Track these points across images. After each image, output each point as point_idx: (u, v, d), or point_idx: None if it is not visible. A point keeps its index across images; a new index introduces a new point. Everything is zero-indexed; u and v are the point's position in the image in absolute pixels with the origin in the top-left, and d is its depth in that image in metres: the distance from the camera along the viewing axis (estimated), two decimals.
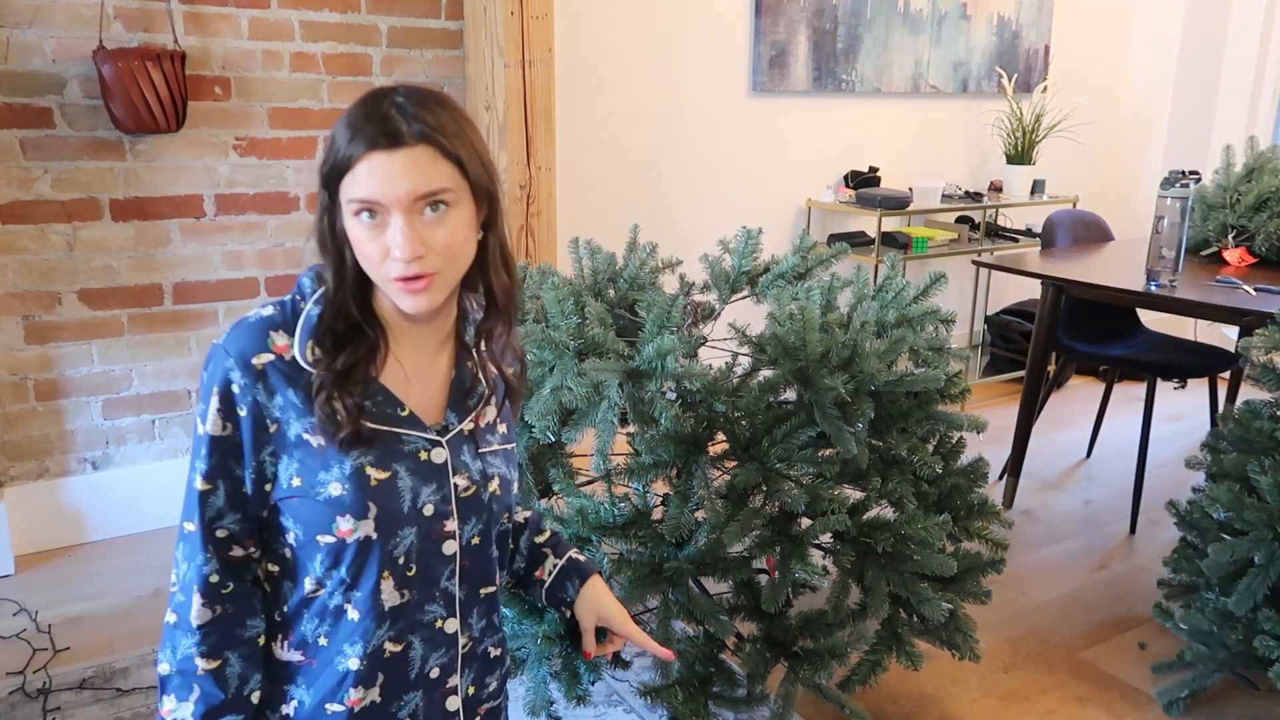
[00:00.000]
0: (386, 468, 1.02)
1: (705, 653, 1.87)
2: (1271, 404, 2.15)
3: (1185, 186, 2.87)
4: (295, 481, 1.01)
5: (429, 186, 0.96)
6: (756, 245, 2.10)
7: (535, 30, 2.95)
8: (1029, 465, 3.42)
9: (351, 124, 0.98)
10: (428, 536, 1.05)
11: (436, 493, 1.05)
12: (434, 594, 1.07)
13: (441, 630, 1.09)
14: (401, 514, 1.02)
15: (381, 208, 0.96)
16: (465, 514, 1.08)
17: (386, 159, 0.95)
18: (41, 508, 2.84)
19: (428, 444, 1.05)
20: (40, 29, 2.61)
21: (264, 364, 1.00)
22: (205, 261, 2.94)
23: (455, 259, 1.01)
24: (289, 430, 1.00)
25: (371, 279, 1.01)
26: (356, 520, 1.00)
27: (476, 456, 1.09)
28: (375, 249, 0.97)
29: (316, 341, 1.02)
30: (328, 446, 1.00)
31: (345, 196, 0.98)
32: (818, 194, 4.15)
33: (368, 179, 0.96)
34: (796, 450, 1.73)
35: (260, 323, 1.02)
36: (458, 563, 1.08)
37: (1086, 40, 4.85)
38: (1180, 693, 2.19)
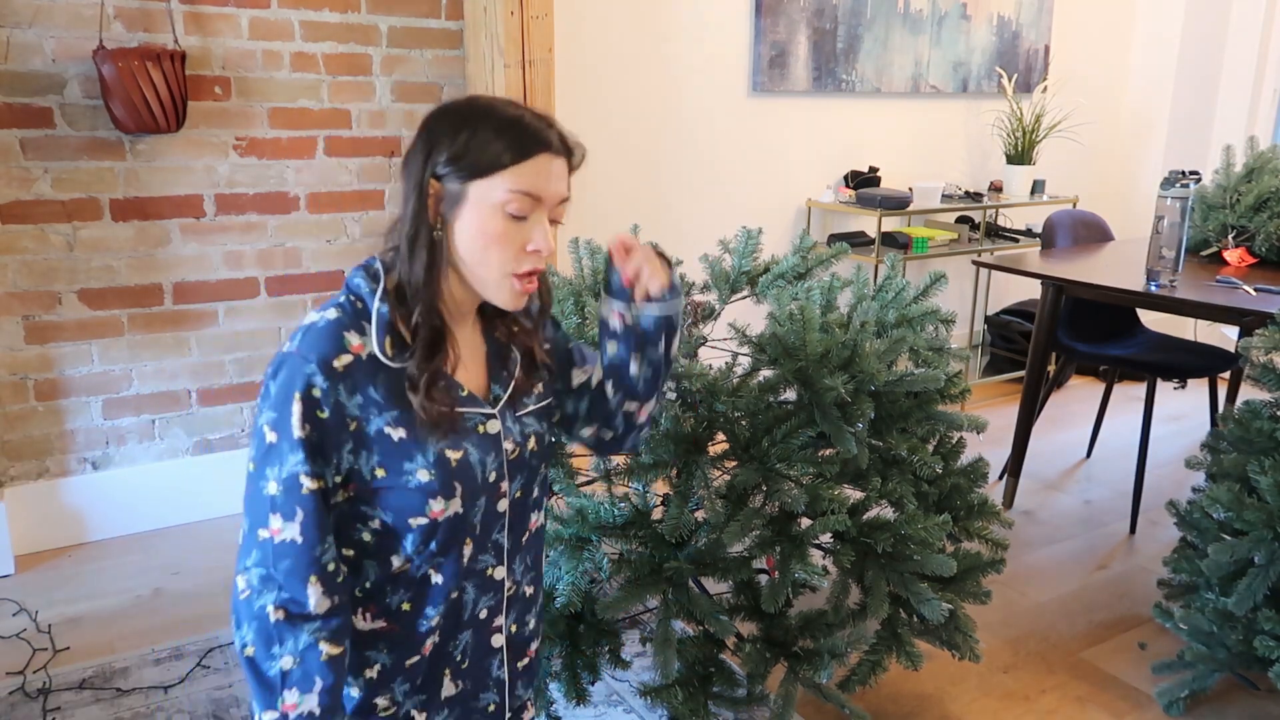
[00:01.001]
0: (458, 447, 1.08)
1: (705, 653, 1.87)
2: (1271, 404, 2.16)
3: (1185, 186, 2.87)
4: (379, 473, 1.05)
5: (568, 194, 1.11)
6: (756, 245, 2.10)
7: (535, 30, 2.95)
8: (1029, 465, 3.42)
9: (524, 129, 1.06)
10: (492, 502, 1.13)
11: (495, 460, 1.12)
12: (487, 545, 1.15)
13: (491, 577, 1.16)
14: (479, 486, 1.10)
15: (538, 205, 1.06)
16: (513, 473, 1.15)
17: (558, 163, 1.09)
18: (41, 508, 2.84)
19: (483, 418, 1.12)
20: (40, 29, 2.61)
21: (345, 364, 1.03)
22: (205, 261, 2.94)
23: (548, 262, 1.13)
24: (369, 426, 1.04)
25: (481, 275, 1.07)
26: (447, 500, 1.07)
27: (516, 420, 1.16)
28: (513, 243, 1.05)
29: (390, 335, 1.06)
30: (409, 437, 1.05)
31: (503, 187, 1.04)
32: (818, 194, 4.15)
33: (543, 176, 1.06)
34: (796, 450, 1.73)
35: (332, 326, 1.05)
36: (507, 517, 1.16)
37: (1086, 40, 4.86)
38: (1180, 693, 2.19)
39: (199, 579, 2.70)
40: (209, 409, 3.04)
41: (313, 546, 1.03)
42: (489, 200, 1.04)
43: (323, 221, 3.09)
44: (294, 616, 1.02)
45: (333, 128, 3.05)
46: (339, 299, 1.08)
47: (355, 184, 3.12)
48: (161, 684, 2.21)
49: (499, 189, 1.04)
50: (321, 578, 1.03)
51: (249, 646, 1.03)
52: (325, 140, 3.05)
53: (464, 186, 1.05)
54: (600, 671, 1.87)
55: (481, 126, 1.05)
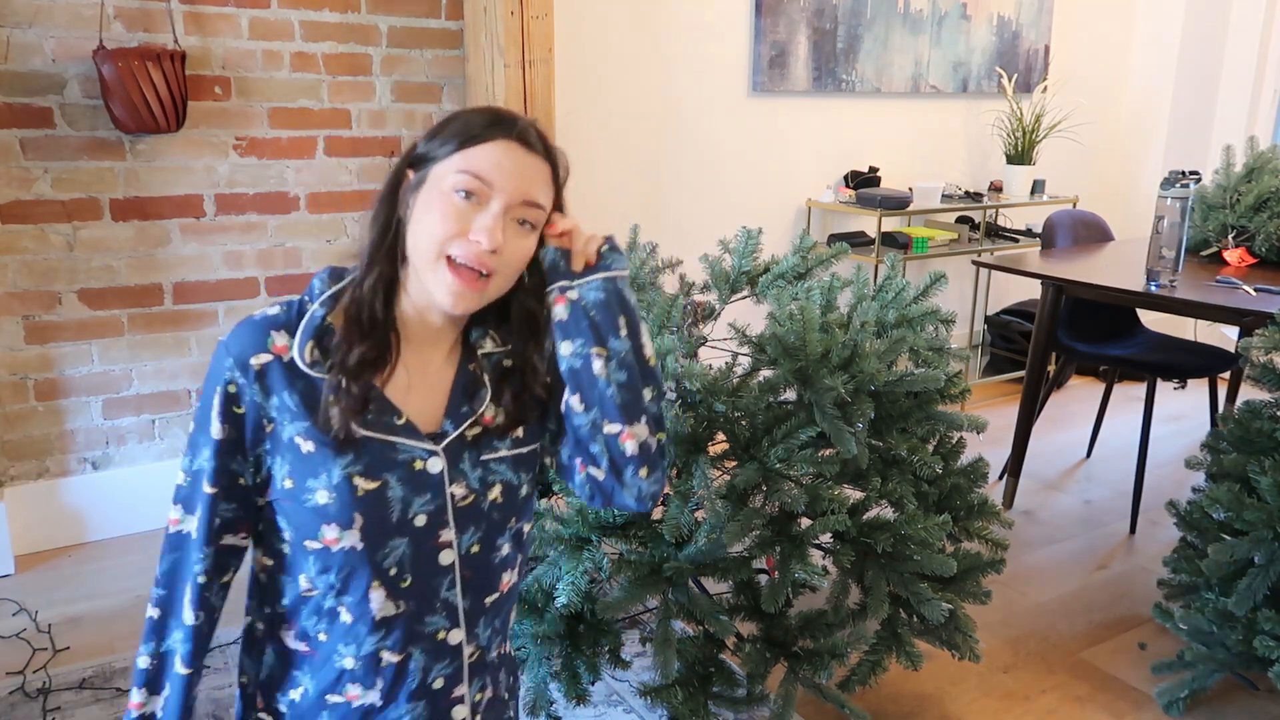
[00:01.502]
0: (376, 477, 1.00)
1: (705, 653, 1.87)
2: (1271, 404, 2.15)
3: (1185, 186, 2.87)
4: (287, 484, 1.01)
5: (536, 196, 1.02)
6: (756, 245, 2.10)
7: (535, 30, 2.95)
8: (1029, 465, 3.42)
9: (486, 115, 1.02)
10: (421, 546, 1.03)
11: (430, 503, 1.03)
12: (434, 605, 1.05)
13: (444, 642, 1.07)
14: (390, 524, 1.01)
15: (487, 192, 0.99)
16: (463, 523, 1.05)
17: (521, 153, 1.01)
18: (41, 508, 2.84)
19: (424, 453, 1.03)
20: (40, 29, 2.61)
21: (262, 364, 1.00)
22: (205, 261, 2.94)
23: (511, 275, 1.04)
24: (283, 432, 1.01)
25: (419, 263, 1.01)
26: (342, 530, 1.00)
27: (478, 464, 1.06)
28: (451, 225, 0.98)
29: (316, 342, 1.01)
30: (316, 453, 0.99)
31: (452, 167, 1.00)
32: (818, 194, 4.15)
33: (495, 160, 1.00)
34: (796, 450, 1.73)
35: (263, 321, 1.02)
36: (457, 573, 1.06)
37: (1086, 40, 4.85)
38: (1180, 693, 2.19)
39: None
40: None
41: (200, 547, 1.03)
42: (442, 182, 1.00)
43: (323, 221, 3.09)
44: (166, 618, 1.05)
45: (333, 128, 3.05)
46: (295, 297, 1.06)
47: (355, 184, 3.12)
48: None
49: (451, 169, 1.00)
50: (193, 586, 1.04)
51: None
52: (325, 140, 3.05)
53: (426, 171, 1.02)
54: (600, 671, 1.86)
55: (457, 117, 1.04)
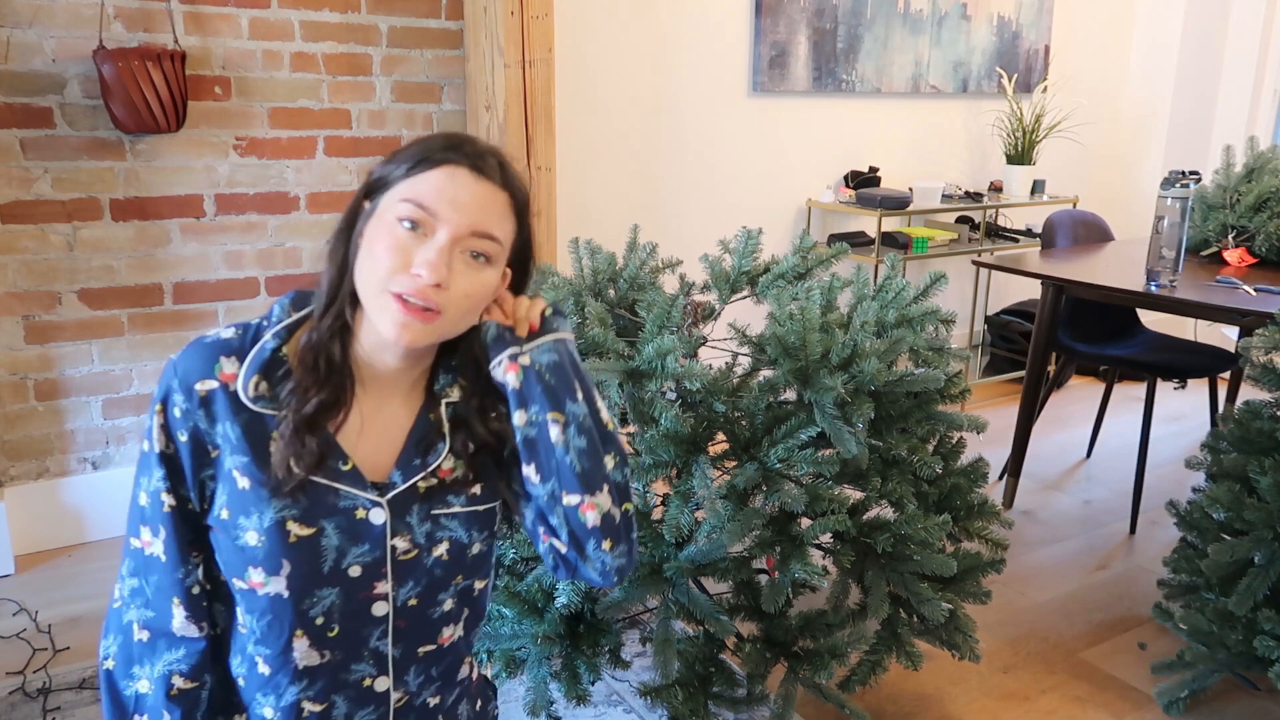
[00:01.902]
0: (312, 523, 0.96)
1: (705, 653, 1.87)
2: (1271, 404, 2.15)
3: (1185, 186, 2.87)
4: (224, 514, 0.97)
5: (488, 228, 0.95)
6: (756, 245, 2.10)
7: (535, 30, 2.94)
8: (1029, 465, 3.42)
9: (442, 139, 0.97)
10: (353, 597, 0.98)
11: (368, 554, 0.98)
12: (362, 654, 1.01)
13: (370, 689, 1.03)
14: (320, 574, 0.96)
15: (432, 222, 0.93)
16: (402, 577, 1.00)
17: (470, 180, 0.94)
18: (41, 508, 2.84)
19: (367, 502, 0.98)
20: (40, 29, 2.61)
21: (207, 391, 0.96)
22: (205, 261, 2.94)
23: (465, 313, 0.96)
24: (224, 461, 0.96)
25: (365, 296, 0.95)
26: (268, 575, 0.95)
27: (427, 518, 1.01)
28: (395, 257, 0.92)
29: (263, 376, 0.97)
30: (251, 491, 0.95)
31: (397, 196, 0.94)
32: (818, 194, 4.15)
33: (440, 187, 0.93)
34: (796, 450, 1.73)
35: (214, 345, 0.98)
36: (390, 624, 1.01)
37: (1086, 40, 4.85)
38: (1180, 693, 2.19)
39: None
40: None
41: (175, 567, 0.99)
42: (388, 213, 0.94)
43: (323, 221, 3.09)
44: (156, 638, 1.00)
45: (333, 128, 3.05)
46: (254, 320, 1.01)
47: (355, 184, 3.12)
48: None
49: (396, 197, 0.94)
50: (185, 601, 0.99)
51: (110, 659, 1.01)
52: (325, 140, 3.05)
53: (378, 200, 0.96)
54: (600, 671, 1.86)
55: (414, 143, 0.98)
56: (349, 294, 0.97)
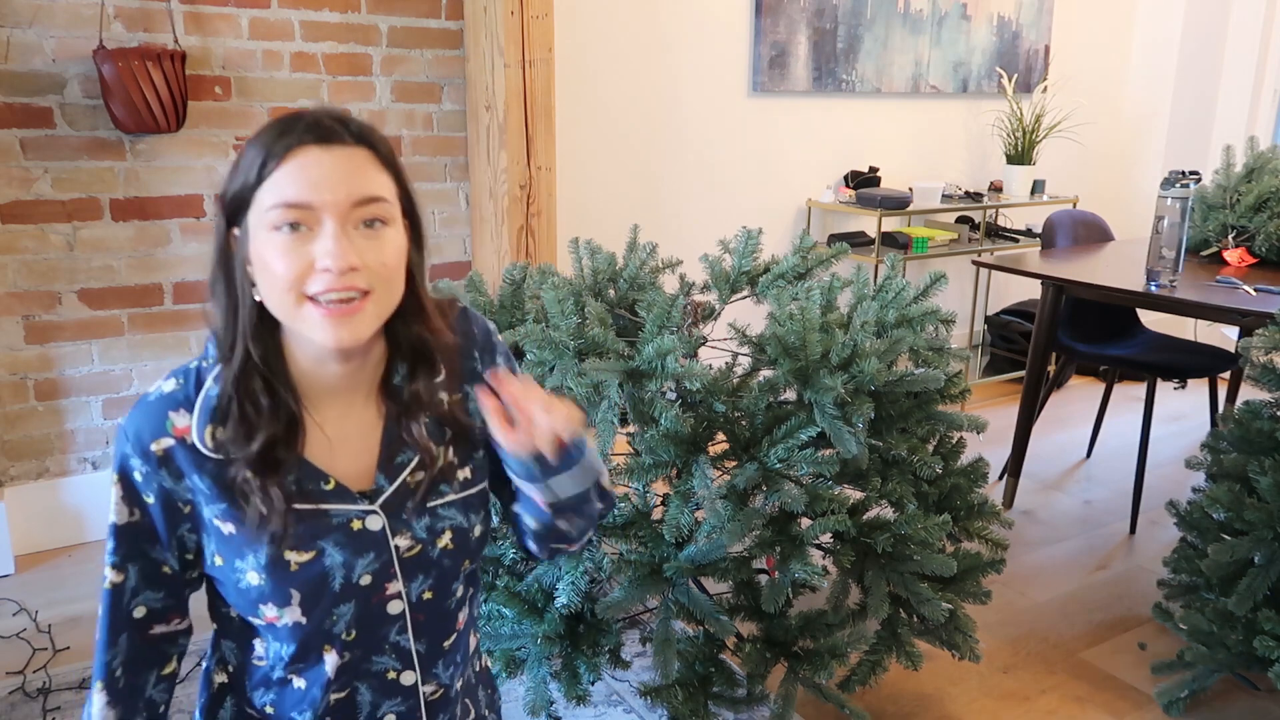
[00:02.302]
0: (310, 548, 0.93)
1: (705, 653, 1.87)
2: (1271, 404, 2.15)
3: (1185, 186, 2.87)
4: (217, 561, 0.95)
5: (369, 190, 0.87)
6: (756, 245, 2.10)
7: (535, 30, 2.95)
8: (1029, 465, 3.42)
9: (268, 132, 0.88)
10: (368, 604, 0.97)
11: (375, 560, 0.96)
12: (383, 648, 1.00)
13: (395, 681, 1.01)
14: (332, 593, 0.94)
15: (311, 215, 0.85)
16: (411, 573, 0.98)
17: (321, 154, 0.86)
18: (41, 508, 2.84)
19: (360, 513, 0.95)
20: (40, 29, 2.61)
21: (164, 449, 0.92)
22: (205, 261, 2.93)
23: (390, 281, 0.90)
24: (202, 512, 0.94)
25: (281, 317, 0.89)
26: (280, 608, 0.93)
27: (424, 512, 0.98)
28: (293, 265, 0.85)
29: (217, 423, 0.92)
30: (239, 534, 0.92)
31: (262, 208, 0.86)
32: (818, 194, 4.15)
33: (297, 179, 0.85)
34: (796, 450, 1.73)
35: (159, 402, 0.93)
36: (408, 619, 1.00)
37: (1086, 40, 4.85)
38: (1180, 693, 2.19)
39: None
40: None
41: (104, 649, 0.98)
42: (260, 227, 0.87)
43: None
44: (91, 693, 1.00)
45: None
46: (189, 364, 0.95)
47: None
48: None
49: (261, 209, 0.86)
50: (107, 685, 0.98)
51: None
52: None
53: (244, 225, 0.89)
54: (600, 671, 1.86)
55: (245, 151, 0.89)
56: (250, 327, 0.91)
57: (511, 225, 3.05)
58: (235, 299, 0.91)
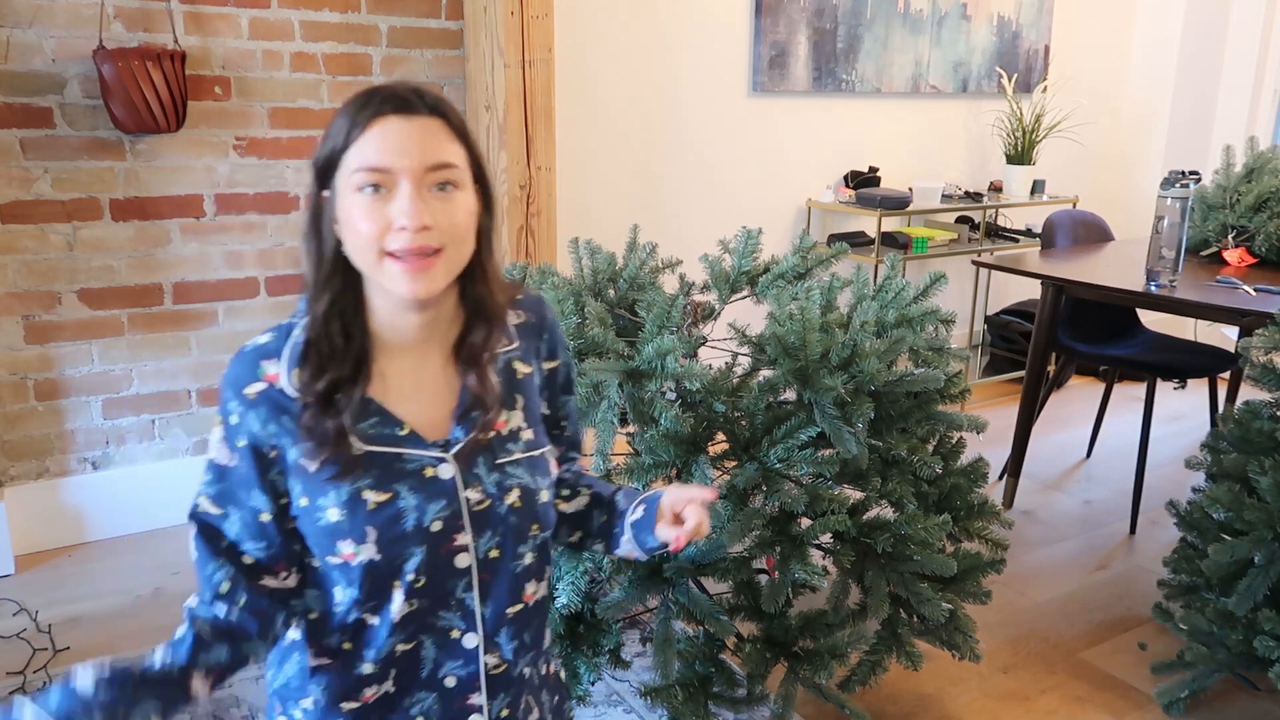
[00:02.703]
0: (386, 489, 1.00)
1: (705, 653, 1.87)
2: (1271, 404, 2.15)
3: (1185, 186, 2.87)
4: (303, 502, 1.01)
5: (441, 157, 0.97)
6: (756, 245, 2.10)
7: (535, 30, 2.95)
8: (1029, 465, 3.42)
9: (355, 103, 0.98)
10: (436, 551, 1.02)
11: (446, 509, 1.02)
12: (449, 603, 1.05)
13: (458, 641, 1.06)
14: (405, 533, 1.00)
15: (389, 178, 0.95)
16: (479, 527, 1.04)
17: (400, 123, 0.96)
18: (41, 508, 2.84)
19: (433, 460, 1.02)
20: (40, 29, 2.61)
21: (256, 393, 1.00)
22: (205, 261, 2.94)
23: (461, 240, 0.99)
24: (288, 455, 1.01)
25: (364, 269, 0.99)
26: (357, 545, 0.99)
27: (494, 468, 1.05)
28: (375, 223, 0.95)
29: (301, 367, 1.00)
30: (322, 472, 0.99)
31: (347, 170, 0.96)
32: (818, 194, 4.15)
33: (379, 144, 0.95)
34: (796, 450, 1.73)
35: (253, 352, 1.02)
36: (475, 576, 1.05)
37: (1086, 40, 4.86)
38: (1180, 693, 2.19)
39: None
40: (209, 409, 3.04)
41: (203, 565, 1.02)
42: (346, 189, 0.97)
43: None
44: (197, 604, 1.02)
45: None
46: (285, 321, 1.04)
47: None
48: None
49: (347, 172, 0.96)
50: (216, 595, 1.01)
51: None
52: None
53: (333, 186, 0.99)
54: (600, 671, 1.87)
55: (334, 120, 0.99)
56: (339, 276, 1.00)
57: (511, 225, 3.05)
58: (323, 253, 1.00)
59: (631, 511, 1.16)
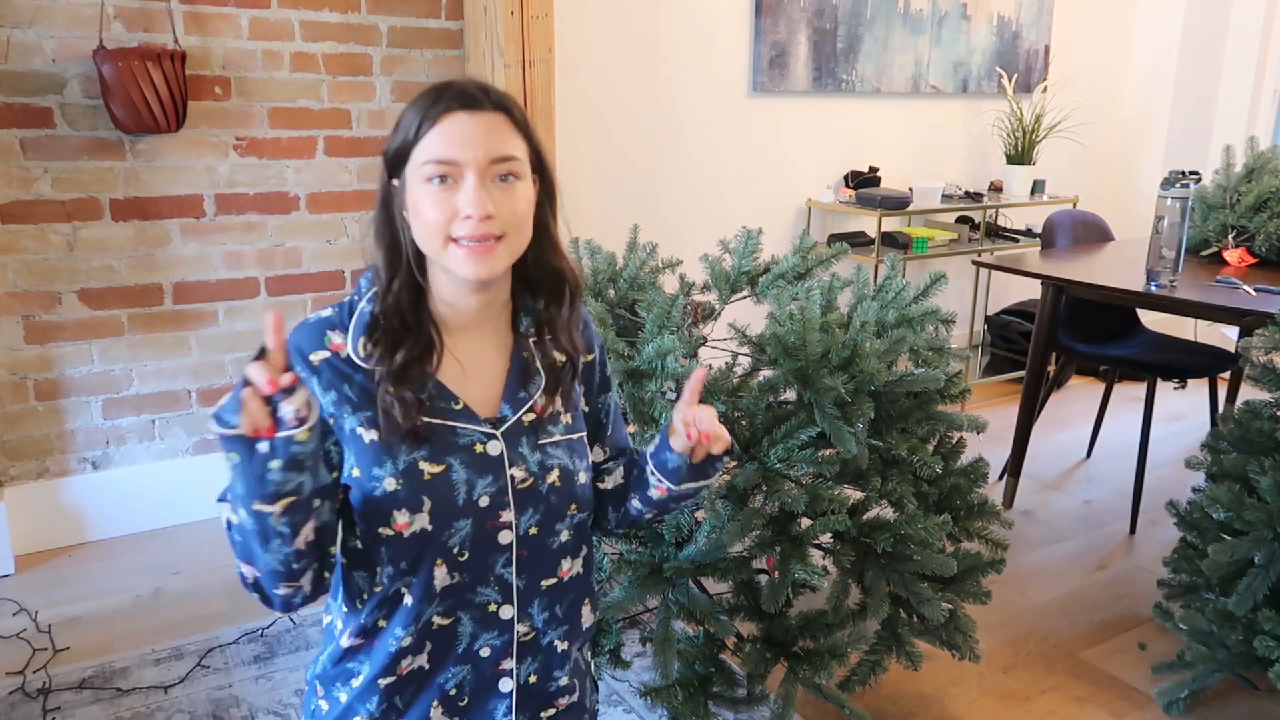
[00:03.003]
0: (440, 461, 1.05)
1: (705, 653, 1.87)
2: (1271, 404, 2.15)
3: (1185, 186, 2.87)
4: (355, 473, 1.05)
5: (504, 150, 1.03)
6: (756, 245, 2.10)
7: (535, 30, 2.95)
8: (1029, 465, 3.42)
9: (425, 98, 1.04)
10: (482, 526, 1.07)
11: (493, 484, 1.07)
12: (488, 579, 1.09)
13: (495, 614, 1.10)
14: (456, 506, 1.05)
15: (456, 169, 1.01)
16: (522, 505, 1.09)
17: (467, 119, 1.02)
18: (41, 508, 2.84)
19: (483, 436, 1.08)
20: (40, 29, 2.61)
21: (320, 360, 1.05)
22: (205, 261, 2.94)
23: (520, 228, 1.05)
24: (344, 424, 1.05)
25: (430, 254, 1.05)
26: (412, 514, 1.03)
27: (536, 448, 1.11)
28: (442, 212, 1.01)
29: (368, 338, 1.06)
30: (380, 442, 1.04)
31: (417, 162, 1.02)
32: (818, 194, 4.15)
33: (447, 138, 1.01)
34: (796, 450, 1.73)
35: (319, 323, 1.08)
36: (514, 551, 1.09)
37: (1086, 40, 4.86)
38: (1180, 693, 2.19)
39: (199, 579, 2.70)
40: (209, 409, 3.04)
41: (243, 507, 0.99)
42: (416, 179, 1.03)
43: (323, 221, 3.09)
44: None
45: (333, 128, 3.05)
46: (345, 299, 1.10)
47: (355, 184, 3.12)
48: (161, 684, 2.21)
49: (417, 164, 1.03)
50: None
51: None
52: (325, 140, 3.05)
53: (403, 176, 1.05)
54: (600, 671, 1.86)
55: (405, 113, 1.05)
56: (410, 260, 1.07)
57: None
58: (393, 238, 1.07)
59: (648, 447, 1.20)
